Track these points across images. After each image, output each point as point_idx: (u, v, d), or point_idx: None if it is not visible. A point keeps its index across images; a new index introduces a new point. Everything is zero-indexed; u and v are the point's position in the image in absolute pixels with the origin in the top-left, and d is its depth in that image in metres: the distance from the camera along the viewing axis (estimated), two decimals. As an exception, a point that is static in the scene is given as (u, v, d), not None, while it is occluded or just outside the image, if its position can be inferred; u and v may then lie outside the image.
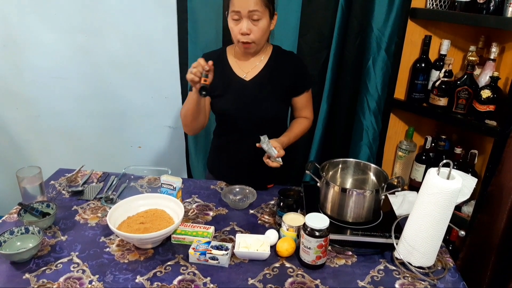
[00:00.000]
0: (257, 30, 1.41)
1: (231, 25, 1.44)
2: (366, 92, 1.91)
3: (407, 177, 2.02)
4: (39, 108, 2.32)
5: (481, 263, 1.62)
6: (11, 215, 1.39)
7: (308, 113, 1.65)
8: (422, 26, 1.81)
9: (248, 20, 1.40)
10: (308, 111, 1.65)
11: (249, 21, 1.40)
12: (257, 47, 1.48)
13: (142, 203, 1.36)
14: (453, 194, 1.10)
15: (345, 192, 1.29)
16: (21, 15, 2.09)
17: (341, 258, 1.24)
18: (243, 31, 1.40)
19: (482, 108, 1.60)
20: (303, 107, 1.63)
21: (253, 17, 1.39)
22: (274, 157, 1.40)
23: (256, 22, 1.40)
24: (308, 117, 1.66)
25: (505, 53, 1.68)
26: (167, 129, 2.33)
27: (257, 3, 1.37)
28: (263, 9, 1.39)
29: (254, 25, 1.41)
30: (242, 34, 1.41)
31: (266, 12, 1.41)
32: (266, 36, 1.48)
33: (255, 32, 1.42)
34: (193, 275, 1.15)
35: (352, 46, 1.86)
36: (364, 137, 1.97)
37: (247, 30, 1.40)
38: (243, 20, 1.40)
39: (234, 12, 1.40)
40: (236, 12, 1.39)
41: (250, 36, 1.42)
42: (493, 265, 1.57)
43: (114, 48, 2.14)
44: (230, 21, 1.44)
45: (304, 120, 1.65)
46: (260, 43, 1.48)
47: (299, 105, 1.63)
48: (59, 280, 1.12)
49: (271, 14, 1.44)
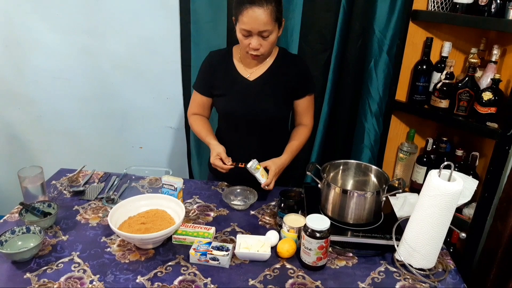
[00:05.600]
0: (267, 44, 1.42)
1: (239, 37, 1.43)
2: (368, 94, 1.91)
3: (408, 179, 2.02)
4: (41, 109, 2.33)
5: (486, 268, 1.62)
6: (13, 215, 1.40)
7: (308, 119, 1.64)
8: (423, 28, 1.81)
9: (258, 37, 1.39)
10: (308, 117, 1.63)
11: (259, 38, 1.40)
12: (267, 55, 1.50)
13: (143, 203, 1.36)
14: (454, 196, 1.10)
15: (346, 194, 1.29)
16: (23, 15, 2.10)
17: (342, 259, 1.24)
18: (253, 47, 1.41)
19: (484, 110, 1.60)
20: (304, 112, 1.62)
21: (264, 35, 1.39)
22: (262, 185, 1.43)
23: (266, 38, 1.40)
24: (308, 124, 1.64)
25: (506, 55, 1.68)
26: (169, 130, 2.33)
27: (267, 23, 1.36)
28: (273, 25, 1.39)
29: (264, 40, 1.41)
30: (251, 48, 1.42)
31: (276, 26, 1.41)
32: (274, 45, 1.49)
33: (264, 46, 1.42)
34: (193, 276, 1.15)
35: (353, 48, 1.86)
36: (366, 139, 1.97)
37: (257, 46, 1.41)
38: (254, 37, 1.39)
39: (244, 30, 1.39)
40: (247, 30, 1.38)
41: (260, 50, 1.42)
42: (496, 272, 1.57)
43: (117, 49, 2.14)
44: (238, 33, 1.42)
45: (303, 130, 1.63)
46: (269, 52, 1.50)
47: (299, 109, 1.62)
48: (60, 279, 1.12)
49: (280, 24, 1.44)
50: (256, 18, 1.34)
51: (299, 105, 1.61)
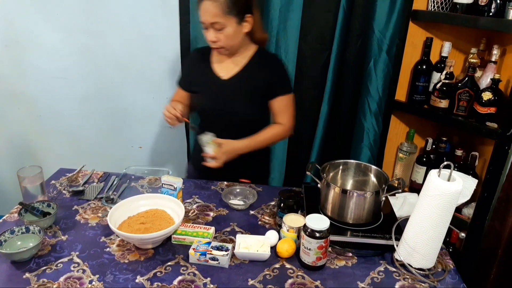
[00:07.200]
0: (223, 37, 1.45)
1: (204, 31, 1.49)
2: (367, 93, 1.91)
3: (407, 179, 2.02)
4: (41, 108, 2.32)
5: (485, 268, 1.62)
6: (12, 215, 1.40)
7: (283, 119, 1.60)
8: (423, 28, 1.81)
9: (214, 30, 1.44)
10: (283, 117, 1.60)
11: (215, 31, 1.44)
12: (231, 50, 1.52)
13: (143, 203, 1.36)
14: (453, 196, 1.10)
15: (345, 194, 1.29)
16: (23, 15, 2.10)
17: (341, 259, 1.24)
18: (210, 39, 1.46)
19: (483, 110, 1.60)
20: (278, 112, 1.60)
21: (216, 27, 1.43)
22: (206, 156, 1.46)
23: (220, 31, 1.44)
24: (283, 123, 1.61)
25: (506, 55, 1.68)
26: (168, 130, 2.33)
27: (215, 15, 1.40)
28: (225, 18, 1.41)
29: (219, 33, 1.44)
30: (210, 41, 1.48)
31: (230, 20, 1.42)
32: (236, 40, 1.49)
33: (222, 39, 1.46)
34: (193, 276, 1.15)
35: (353, 48, 1.86)
36: (365, 139, 1.97)
37: (213, 39, 1.46)
38: (210, 30, 1.45)
39: (201, 22, 1.45)
40: (202, 23, 1.45)
41: (218, 43, 1.47)
42: (496, 271, 1.57)
43: (117, 49, 2.14)
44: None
45: (277, 126, 1.61)
46: (233, 47, 1.51)
47: (274, 110, 1.60)
48: (59, 279, 1.12)
49: (239, 19, 1.45)
50: (206, 10, 1.41)
51: (273, 105, 1.59)
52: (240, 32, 1.48)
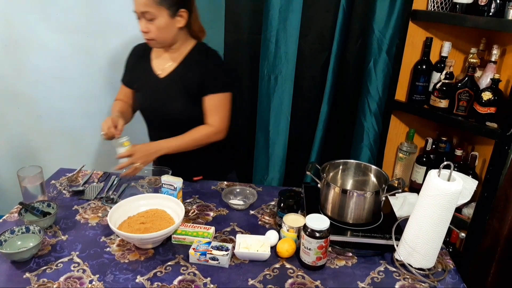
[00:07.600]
0: (154, 29, 1.43)
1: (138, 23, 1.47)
2: (367, 93, 1.91)
3: (407, 179, 2.02)
4: (40, 108, 2.32)
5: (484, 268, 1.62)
6: (12, 214, 1.40)
7: (213, 120, 1.52)
8: (423, 28, 1.81)
9: (145, 20, 1.42)
10: (214, 117, 1.52)
11: (145, 21, 1.42)
12: (163, 43, 1.49)
13: (143, 203, 1.36)
14: (453, 196, 1.10)
15: (345, 193, 1.29)
16: (23, 15, 2.10)
17: (341, 259, 1.24)
18: (141, 29, 1.45)
19: (483, 110, 1.60)
20: (209, 111, 1.52)
21: (146, 17, 1.41)
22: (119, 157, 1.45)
23: (151, 21, 1.42)
24: (213, 124, 1.52)
25: (506, 55, 1.68)
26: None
27: (146, 4, 1.38)
28: (156, 8, 1.39)
29: (150, 24, 1.42)
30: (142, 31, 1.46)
31: (161, 11, 1.40)
32: (168, 33, 1.46)
33: (153, 30, 1.43)
34: (193, 276, 1.15)
35: (353, 48, 1.86)
36: (365, 139, 1.97)
37: (144, 29, 1.43)
38: (141, 20, 1.43)
39: (134, 12, 1.43)
40: (135, 12, 1.43)
41: (149, 34, 1.44)
42: (495, 270, 1.57)
43: (116, 49, 2.14)
44: None
45: (204, 127, 1.53)
46: (165, 40, 1.48)
47: (204, 108, 1.52)
48: (60, 279, 1.12)
49: (172, 12, 1.42)
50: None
51: (204, 103, 1.52)
52: (173, 26, 1.45)
